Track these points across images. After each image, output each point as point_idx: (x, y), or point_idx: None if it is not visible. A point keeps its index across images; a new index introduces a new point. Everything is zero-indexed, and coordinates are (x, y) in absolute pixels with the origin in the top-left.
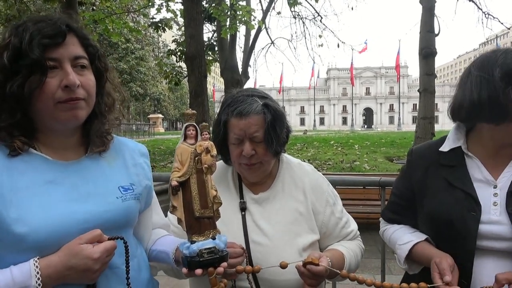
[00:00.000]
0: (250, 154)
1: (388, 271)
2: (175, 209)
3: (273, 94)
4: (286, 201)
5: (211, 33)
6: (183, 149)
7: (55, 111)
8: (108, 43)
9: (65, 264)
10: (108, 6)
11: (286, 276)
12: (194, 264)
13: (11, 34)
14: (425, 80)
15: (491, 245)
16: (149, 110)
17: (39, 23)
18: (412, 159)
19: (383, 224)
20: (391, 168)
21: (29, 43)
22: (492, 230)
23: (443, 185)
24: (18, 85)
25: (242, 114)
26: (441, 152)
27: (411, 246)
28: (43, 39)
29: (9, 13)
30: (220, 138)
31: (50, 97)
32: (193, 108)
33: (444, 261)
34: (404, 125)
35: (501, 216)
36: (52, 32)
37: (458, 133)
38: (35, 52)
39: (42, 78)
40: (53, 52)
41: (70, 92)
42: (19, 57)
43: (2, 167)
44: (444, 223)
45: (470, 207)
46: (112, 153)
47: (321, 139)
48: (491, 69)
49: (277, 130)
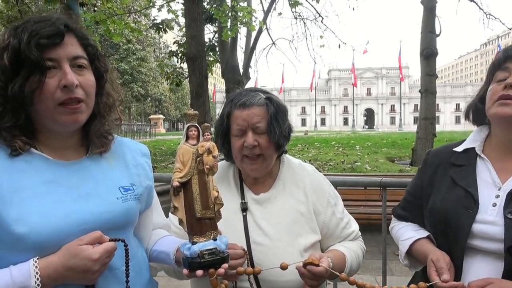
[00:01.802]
0: (253, 144)
1: (389, 272)
2: (176, 210)
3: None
4: (287, 202)
5: (212, 34)
6: (185, 149)
7: (55, 113)
8: (110, 44)
9: (65, 264)
10: (109, 7)
11: (287, 277)
12: (195, 265)
13: (10, 35)
14: (426, 80)
15: (482, 245)
16: (150, 110)
17: (38, 23)
18: (427, 158)
19: (393, 220)
20: (392, 169)
21: (28, 43)
22: (485, 230)
23: (448, 183)
24: (19, 86)
25: (245, 105)
26: (454, 152)
27: (412, 242)
28: (41, 39)
29: (11, 14)
30: (223, 131)
31: (49, 97)
32: (194, 108)
33: (441, 259)
34: (406, 125)
35: (497, 217)
36: (50, 32)
37: (477, 135)
38: (34, 53)
39: (41, 78)
40: (51, 52)
41: (69, 92)
42: (18, 58)
43: (2, 167)
44: (441, 219)
45: (467, 205)
46: (113, 153)
47: (322, 140)
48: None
49: (279, 121)
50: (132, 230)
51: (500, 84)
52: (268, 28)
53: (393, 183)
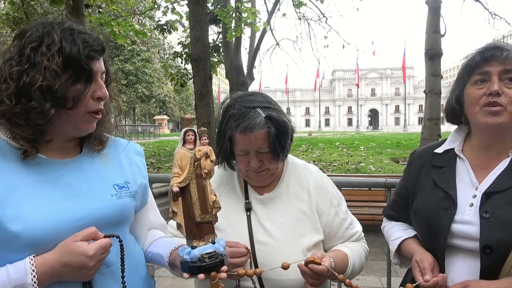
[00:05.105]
0: (258, 165)
1: (394, 273)
2: (175, 215)
3: (278, 96)
4: (290, 202)
5: (216, 34)
6: (182, 154)
7: (81, 120)
8: (114, 45)
9: (60, 261)
10: (114, 8)
11: (290, 276)
12: (196, 269)
13: (61, 38)
14: (431, 81)
15: (461, 243)
16: (154, 111)
17: (83, 34)
18: (412, 159)
19: (384, 221)
20: (396, 170)
21: (82, 51)
22: (463, 229)
23: (430, 185)
24: (65, 88)
25: (246, 130)
26: (436, 153)
27: (400, 242)
28: (92, 52)
29: (17, 15)
30: (225, 151)
31: (84, 105)
32: (199, 109)
33: (424, 259)
34: (410, 126)
35: (473, 217)
36: (99, 47)
37: (456, 135)
38: (86, 62)
39: (88, 87)
40: (93, 65)
41: (99, 103)
42: (69, 63)
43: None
44: (423, 220)
45: (446, 206)
46: (107, 152)
47: (326, 141)
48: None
49: (281, 141)
50: (128, 227)
51: (480, 87)
52: (272, 29)
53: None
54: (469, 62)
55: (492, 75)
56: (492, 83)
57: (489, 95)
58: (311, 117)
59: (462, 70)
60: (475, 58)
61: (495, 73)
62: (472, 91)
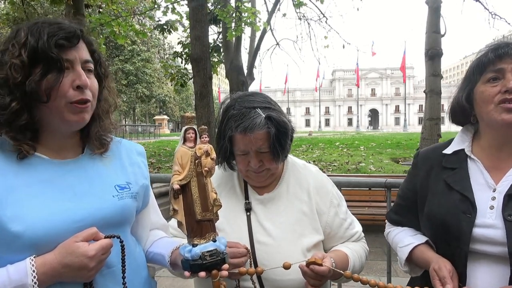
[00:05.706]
0: (257, 166)
1: (394, 273)
2: (176, 213)
3: (278, 96)
4: (290, 202)
5: (216, 34)
6: (183, 152)
7: (65, 111)
8: (114, 45)
9: (61, 261)
10: (114, 8)
11: (290, 276)
12: (197, 267)
13: (27, 33)
14: (431, 81)
15: (484, 249)
16: (154, 111)
17: (54, 25)
18: (417, 161)
19: (388, 226)
20: (397, 170)
21: (47, 42)
22: (486, 233)
23: (443, 187)
24: (36, 82)
25: (246, 131)
26: (445, 154)
27: (411, 249)
28: (60, 40)
29: (17, 15)
30: (225, 151)
31: (63, 96)
32: (199, 109)
33: (443, 267)
34: (410, 126)
35: (496, 220)
36: (69, 34)
37: (464, 135)
38: (54, 51)
39: (59, 77)
40: (67, 54)
41: (81, 92)
42: (36, 55)
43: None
44: (440, 225)
45: (465, 210)
46: (108, 152)
47: (327, 141)
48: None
49: (281, 142)
50: (129, 228)
51: (493, 84)
52: (272, 29)
53: (398, 184)
54: (481, 59)
55: (506, 72)
56: (507, 80)
57: (505, 92)
58: (311, 117)
59: (472, 68)
60: (488, 55)
61: (509, 70)
62: (485, 89)
